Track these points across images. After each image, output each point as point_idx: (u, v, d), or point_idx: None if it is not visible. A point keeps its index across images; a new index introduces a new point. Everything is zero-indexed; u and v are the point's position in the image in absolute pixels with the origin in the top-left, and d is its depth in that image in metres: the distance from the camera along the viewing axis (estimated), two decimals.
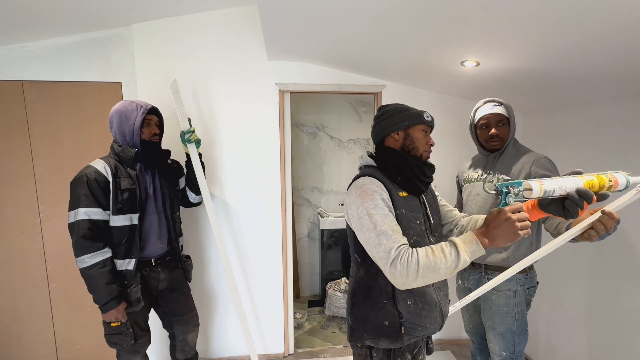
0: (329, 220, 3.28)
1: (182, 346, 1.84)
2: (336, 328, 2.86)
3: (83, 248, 1.45)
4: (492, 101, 1.57)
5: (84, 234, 1.45)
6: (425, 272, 0.89)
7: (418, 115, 1.15)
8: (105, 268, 1.47)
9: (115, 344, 1.60)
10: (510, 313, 1.52)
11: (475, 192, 1.61)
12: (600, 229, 1.00)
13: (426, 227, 1.14)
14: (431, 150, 1.17)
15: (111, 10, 1.82)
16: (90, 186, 1.46)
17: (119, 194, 1.51)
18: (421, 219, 1.12)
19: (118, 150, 1.57)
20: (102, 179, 1.49)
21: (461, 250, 0.90)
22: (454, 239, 0.93)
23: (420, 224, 1.11)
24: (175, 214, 1.77)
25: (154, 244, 1.66)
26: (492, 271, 1.54)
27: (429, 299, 1.11)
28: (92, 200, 1.46)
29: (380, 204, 1.00)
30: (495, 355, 1.59)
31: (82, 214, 1.45)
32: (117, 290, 1.50)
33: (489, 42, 1.39)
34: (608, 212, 1.00)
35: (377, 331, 1.09)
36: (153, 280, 1.67)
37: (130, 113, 1.56)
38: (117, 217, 1.51)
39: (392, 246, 0.93)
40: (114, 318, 1.51)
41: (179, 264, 1.79)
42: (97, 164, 1.53)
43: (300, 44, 1.83)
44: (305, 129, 3.37)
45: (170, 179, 1.77)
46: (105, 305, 1.48)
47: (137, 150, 1.56)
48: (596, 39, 1.15)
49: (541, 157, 1.49)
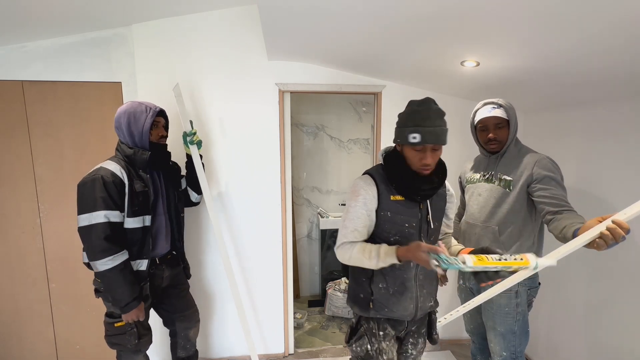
0: (329, 220, 3.28)
1: (184, 343, 1.86)
2: (336, 328, 2.86)
3: (103, 251, 1.42)
4: (490, 103, 1.53)
5: (105, 236, 1.42)
6: (353, 261, 1.21)
7: (405, 136, 1.15)
8: (126, 269, 1.48)
9: (117, 345, 1.59)
10: (512, 313, 1.52)
11: (477, 192, 1.60)
12: (609, 238, 0.98)
13: (421, 231, 1.25)
14: (428, 168, 1.17)
15: (111, 10, 1.82)
16: (107, 188, 1.43)
17: (134, 196, 1.51)
18: (413, 223, 1.23)
19: (129, 153, 1.54)
20: (118, 181, 1.47)
21: (381, 258, 1.14)
22: (383, 248, 1.16)
23: (409, 227, 1.23)
24: (180, 214, 1.80)
25: (162, 244, 1.69)
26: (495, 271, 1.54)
27: (404, 289, 1.27)
28: (109, 202, 1.43)
29: (360, 205, 1.21)
30: (496, 356, 1.59)
31: (102, 217, 1.43)
32: (138, 289, 1.52)
33: (489, 42, 1.39)
34: (618, 221, 0.98)
35: (354, 299, 1.35)
36: (157, 278, 1.69)
37: (139, 115, 1.54)
38: (131, 219, 1.51)
39: (342, 240, 1.23)
40: (136, 317, 1.52)
41: (181, 262, 1.82)
42: (110, 165, 1.50)
43: (300, 44, 1.83)
44: (305, 129, 3.37)
45: (174, 180, 1.79)
46: (128, 305, 1.48)
47: (150, 153, 1.56)
48: (598, 38, 1.15)
49: (543, 158, 1.46)
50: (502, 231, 1.49)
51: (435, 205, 1.27)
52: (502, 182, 1.50)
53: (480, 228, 1.55)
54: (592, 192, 1.81)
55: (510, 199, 1.47)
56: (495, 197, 1.51)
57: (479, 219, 1.56)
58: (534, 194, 1.42)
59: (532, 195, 1.44)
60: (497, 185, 1.51)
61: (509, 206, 1.47)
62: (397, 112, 1.21)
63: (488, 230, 1.52)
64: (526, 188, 1.44)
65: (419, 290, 1.29)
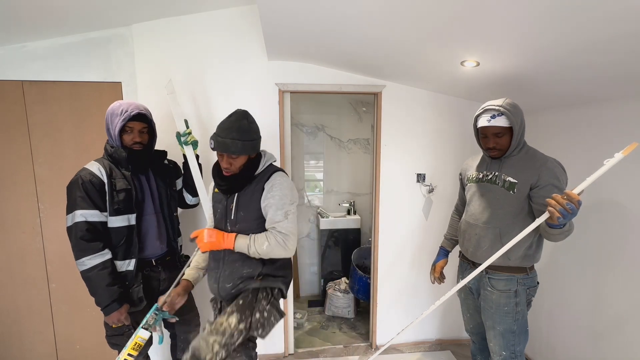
0: (329, 220, 3.29)
1: (183, 346, 1.84)
2: (336, 328, 2.86)
3: (81, 251, 1.45)
4: (490, 110, 1.44)
5: (81, 235, 1.45)
6: None
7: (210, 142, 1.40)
8: (105, 270, 1.47)
9: (117, 345, 1.59)
10: (511, 313, 1.52)
11: (480, 192, 1.59)
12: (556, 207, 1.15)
13: (226, 218, 1.50)
14: (227, 171, 1.43)
15: (111, 10, 1.82)
16: (85, 188, 1.46)
17: (115, 194, 1.50)
18: (218, 210, 1.53)
19: (111, 152, 1.55)
20: (96, 180, 1.48)
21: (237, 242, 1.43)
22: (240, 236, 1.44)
23: (218, 214, 1.53)
24: (172, 214, 1.76)
25: (154, 245, 1.66)
26: (493, 270, 1.53)
27: (211, 271, 1.57)
28: (87, 202, 1.46)
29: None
30: (495, 355, 1.59)
31: (79, 216, 1.45)
32: (118, 292, 1.49)
33: (489, 42, 1.39)
34: (568, 192, 1.16)
35: None
36: (154, 280, 1.67)
37: (114, 117, 1.52)
38: (114, 218, 1.51)
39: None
40: (117, 320, 1.51)
41: (178, 264, 1.79)
42: (91, 166, 1.52)
43: (300, 44, 1.83)
44: (305, 129, 3.37)
45: (167, 180, 1.76)
46: (107, 307, 1.48)
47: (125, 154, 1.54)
48: (599, 36, 1.15)
49: (550, 162, 1.43)
50: (503, 233, 1.49)
51: (243, 198, 1.47)
52: (506, 183, 1.49)
53: (481, 228, 1.55)
54: (596, 193, 1.81)
55: (513, 201, 1.47)
56: (498, 198, 1.51)
57: (480, 219, 1.56)
58: (533, 200, 1.43)
59: (531, 200, 1.44)
60: (501, 187, 1.50)
61: (511, 208, 1.47)
62: (397, 112, 1.22)
63: (489, 231, 1.53)
64: (528, 191, 1.44)
65: (214, 273, 1.53)
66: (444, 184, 2.41)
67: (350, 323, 2.95)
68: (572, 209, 1.14)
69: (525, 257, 1.49)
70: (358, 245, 3.32)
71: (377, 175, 2.36)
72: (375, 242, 2.45)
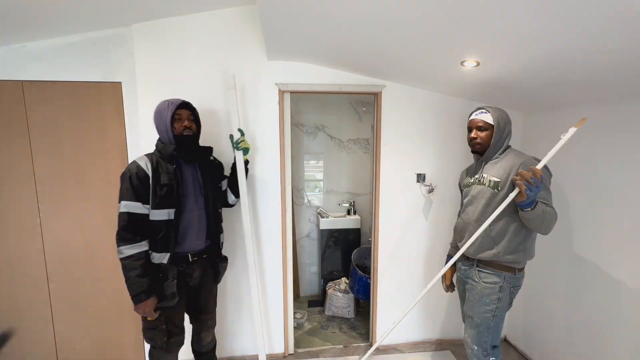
0: (329, 220, 3.29)
1: (197, 339, 1.90)
2: (336, 328, 2.86)
3: (121, 239, 1.52)
4: (480, 108, 1.65)
5: (123, 225, 1.52)
6: None
7: None
8: (139, 261, 1.52)
9: (149, 339, 1.64)
10: (491, 306, 1.62)
11: (472, 194, 1.72)
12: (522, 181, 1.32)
13: None
14: None
15: (111, 10, 1.82)
16: (131, 181, 1.53)
17: (157, 189, 1.56)
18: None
19: (160, 147, 1.64)
20: (142, 174, 1.55)
21: None
22: None
23: None
24: (217, 211, 1.83)
25: (192, 241, 1.70)
26: (484, 265, 1.66)
27: None
28: (132, 194, 1.52)
29: None
30: (468, 347, 1.70)
31: (123, 207, 1.52)
32: (147, 284, 1.53)
33: (489, 42, 1.39)
34: (532, 167, 1.34)
35: None
36: (187, 276, 1.70)
37: (163, 111, 1.62)
38: (156, 211, 1.57)
39: None
40: (142, 312, 1.54)
41: (217, 261, 1.84)
42: (140, 160, 1.59)
43: (300, 44, 1.83)
44: (305, 129, 3.37)
45: (214, 177, 1.83)
46: (135, 297, 1.52)
47: (174, 147, 1.61)
48: (599, 37, 1.15)
49: (529, 160, 1.54)
50: (492, 228, 1.60)
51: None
52: (491, 183, 1.60)
53: (473, 226, 1.66)
54: (594, 192, 1.82)
55: (499, 198, 1.58)
56: (485, 197, 1.63)
57: (472, 217, 1.69)
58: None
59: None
60: (487, 186, 1.62)
61: (498, 205, 1.55)
62: (397, 112, 1.22)
63: (480, 227, 1.60)
64: (512, 188, 1.51)
65: None
66: (444, 184, 2.41)
67: (350, 323, 2.95)
68: (535, 182, 1.31)
69: (515, 252, 1.58)
70: (358, 245, 3.32)
71: (377, 175, 2.36)
72: (375, 242, 2.45)
